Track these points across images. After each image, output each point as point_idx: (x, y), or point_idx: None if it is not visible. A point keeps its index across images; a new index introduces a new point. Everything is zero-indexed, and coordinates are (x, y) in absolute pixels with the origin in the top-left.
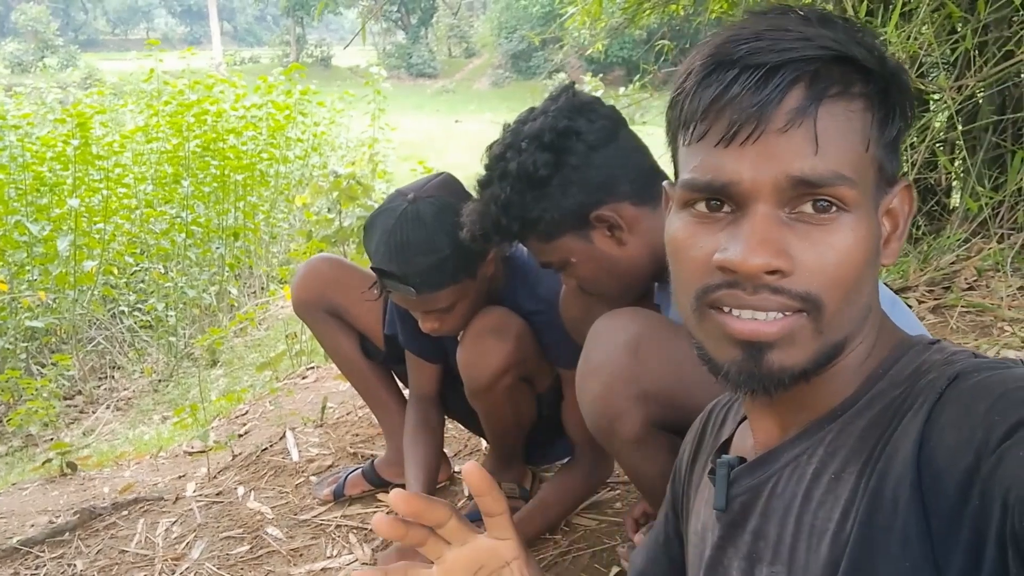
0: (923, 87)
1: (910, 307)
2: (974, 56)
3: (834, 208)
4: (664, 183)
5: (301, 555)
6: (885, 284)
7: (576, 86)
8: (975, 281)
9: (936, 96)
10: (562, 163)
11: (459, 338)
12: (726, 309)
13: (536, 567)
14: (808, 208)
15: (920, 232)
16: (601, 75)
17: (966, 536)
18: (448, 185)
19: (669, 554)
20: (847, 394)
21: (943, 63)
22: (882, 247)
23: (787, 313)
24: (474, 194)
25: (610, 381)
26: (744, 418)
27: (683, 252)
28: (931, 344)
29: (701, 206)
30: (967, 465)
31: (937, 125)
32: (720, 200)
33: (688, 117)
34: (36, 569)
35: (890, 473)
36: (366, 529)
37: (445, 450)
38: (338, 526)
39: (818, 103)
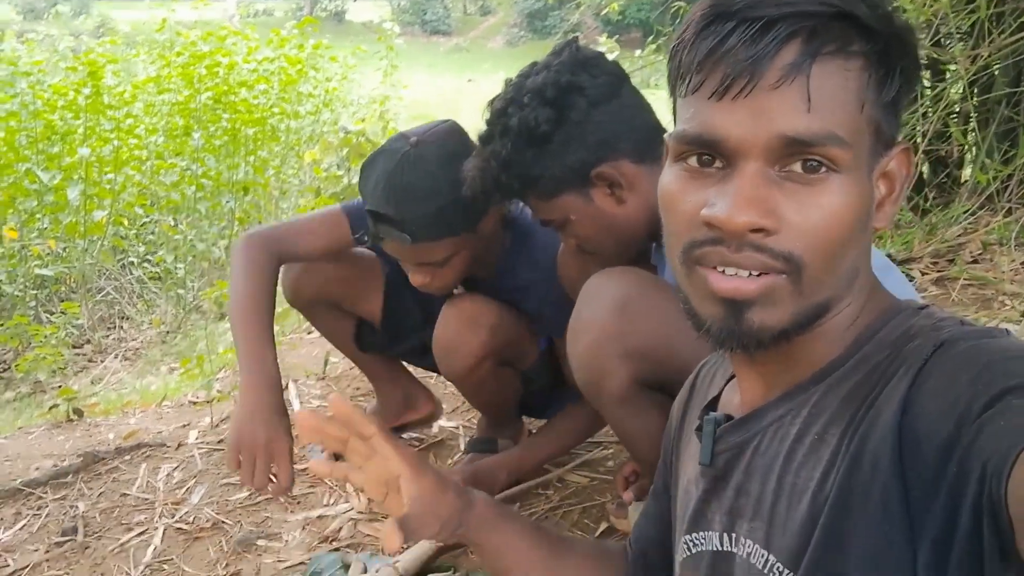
0: (938, 56)
1: (912, 278)
2: (990, 26)
3: (824, 168)
4: (665, 135)
5: (298, 502)
6: (887, 254)
7: (588, 45)
8: (980, 254)
9: (951, 66)
10: (564, 119)
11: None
12: (711, 265)
13: (438, 483)
14: (798, 167)
15: (928, 204)
16: (617, 36)
17: (942, 503)
18: (454, 133)
19: (659, 508)
20: (833, 356)
21: (959, 33)
22: (875, 210)
23: (768, 272)
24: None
25: (598, 338)
26: (732, 376)
27: (673, 205)
28: (919, 309)
29: (693, 160)
30: (947, 433)
31: (951, 96)
32: (711, 155)
33: (684, 69)
34: (39, 510)
35: (872, 436)
36: None
37: (445, 405)
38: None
39: (812, 60)
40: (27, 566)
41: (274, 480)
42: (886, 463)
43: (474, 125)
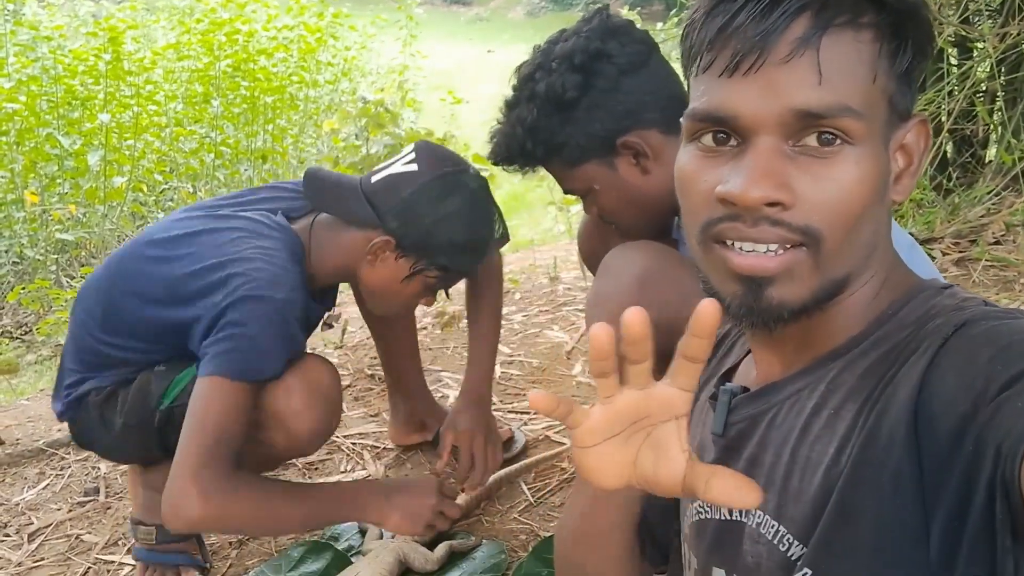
0: (966, 33)
1: (934, 258)
2: (1020, 3)
3: (839, 141)
4: (682, 117)
5: (316, 469)
6: (910, 233)
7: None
8: (1002, 235)
9: (979, 44)
10: (591, 86)
11: None
12: (729, 243)
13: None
14: (812, 141)
15: (951, 183)
16: (639, 8)
17: (956, 480)
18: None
19: None
20: (852, 332)
21: (988, 9)
22: (893, 183)
23: (787, 247)
24: (500, 115)
25: (617, 310)
26: (749, 350)
27: (689, 185)
28: (943, 288)
29: (707, 139)
30: (964, 411)
31: (978, 74)
32: (726, 133)
33: (696, 48)
34: (61, 470)
35: (889, 413)
36: (379, 447)
37: None
38: (353, 443)
39: (823, 32)
40: (50, 524)
41: None
42: (902, 439)
43: (493, 96)
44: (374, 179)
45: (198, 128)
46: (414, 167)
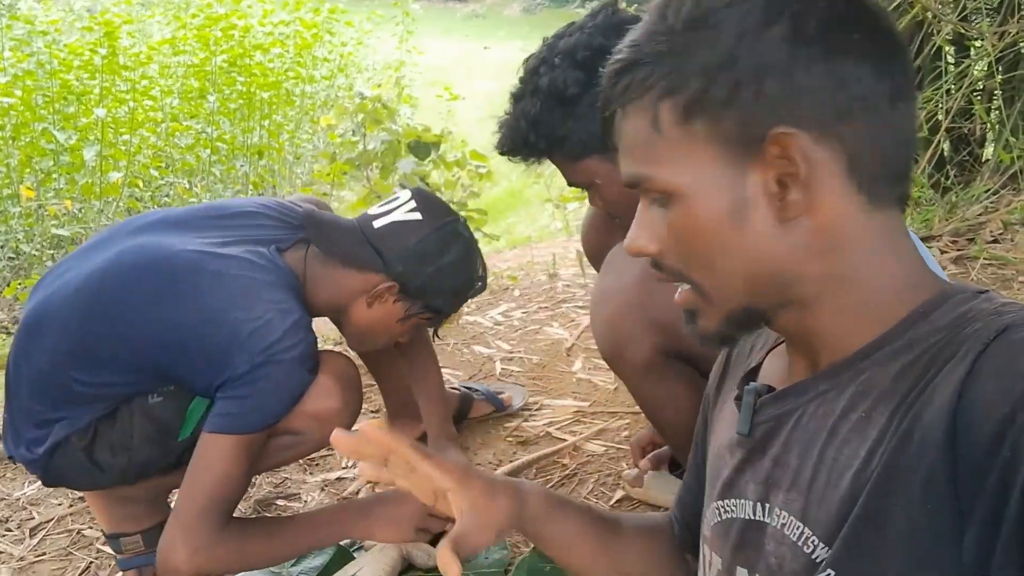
0: (964, 32)
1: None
2: (1019, 2)
3: (667, 198)
4: None
5: (317, 464)
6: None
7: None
8: (1000, 234)
9: (977, 43)
10: (593, 82)
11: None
12: None
13: (487, 491)
14: (660, 199)
15: (949, 182)
16: (636, 5)
17: (992, 486)
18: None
19: (700, 480)
20: (876, 334)
21: (986, 8)
22: (778, 203)
23: (686, 286)
24: (508, 107)
25: (621, 307)
26: (774, 347)
27: None
28: (979, 293)
29: None
30: (1002, 416)
31: (976, 73)
32: None
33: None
34: None
35: (924, 418)
36: None
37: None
38: None
39: (614, 114)
40: (51, 519)
41: None
42: (937, 445)
43: (489, 92)
44: (376, 224)
45: (194, 124)
46: (418, 216)
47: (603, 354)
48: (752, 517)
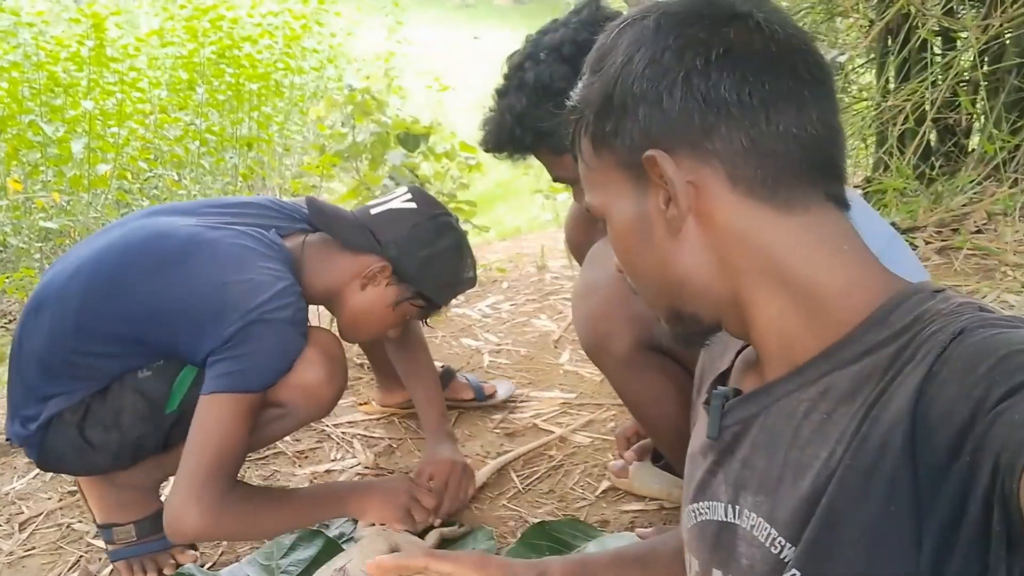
0: (949, 25)
1: (916, 247)
2: None
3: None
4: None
5: (306, 457)
6: (891, 223)
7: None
8: (984, 224)
9: (962, 35)
10: (579, 77)
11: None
12: None
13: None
14: None
15: (935, 172)
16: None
17: (952, 490)
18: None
19: None
20: (830, 336)
21: (971, 1)
22: (665, 219)
23: None
24: (492, 103)
25: (602, 302)
26: (739, 351)
27: None
28: (935, 292)
29: None
30: (962, 421)
31: (961, 64)
32: None
33: None
34: None
35: (883, 419)
36: (370, 436)
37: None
38: (343, 432)
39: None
40: (41, 513)
41: None
42: (897, 447)
43: (477, 82)
44: (373, 211)
45: (183, 115)
46: (413, 205)
47: (585, 347)
48: (724, 519)
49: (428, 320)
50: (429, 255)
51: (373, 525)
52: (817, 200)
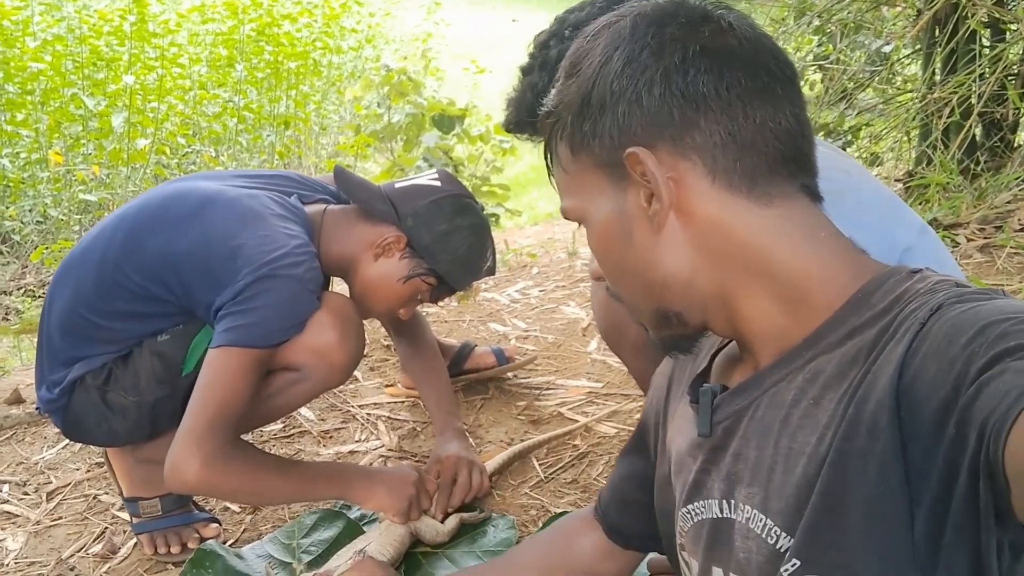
0: (1000, 16)
1: (957, 244)
2: None
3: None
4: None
5: (331, 437)
6: (933, 219)
7: None
8: None
9: (1012, 26)
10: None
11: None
12: None
13: None
14: None
15: (979, 168)
16: None
17: (940, 464)
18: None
19: (634, 468)
20: (812, 323)
21: None
22: (648, 216)
23: None
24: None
25: None
26: (719, 350)
27: None
28: (913, 272)
29: None
30: (945, 395)
31: (1010, 57)
32: None
33: None
34: None
35: (869, 400)
36: (394, 418)
37: None
38: (368, 413)
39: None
40: (68, 484)
41: None
42: (884, 426)
43: (514, 64)
44: (397, 185)
45: (221, 92)
46: (437, 183)
47: (602, 334)
48: (720, 515)
49: (457, 302)
50: (445, 231)
51: None
52: (792, 191)
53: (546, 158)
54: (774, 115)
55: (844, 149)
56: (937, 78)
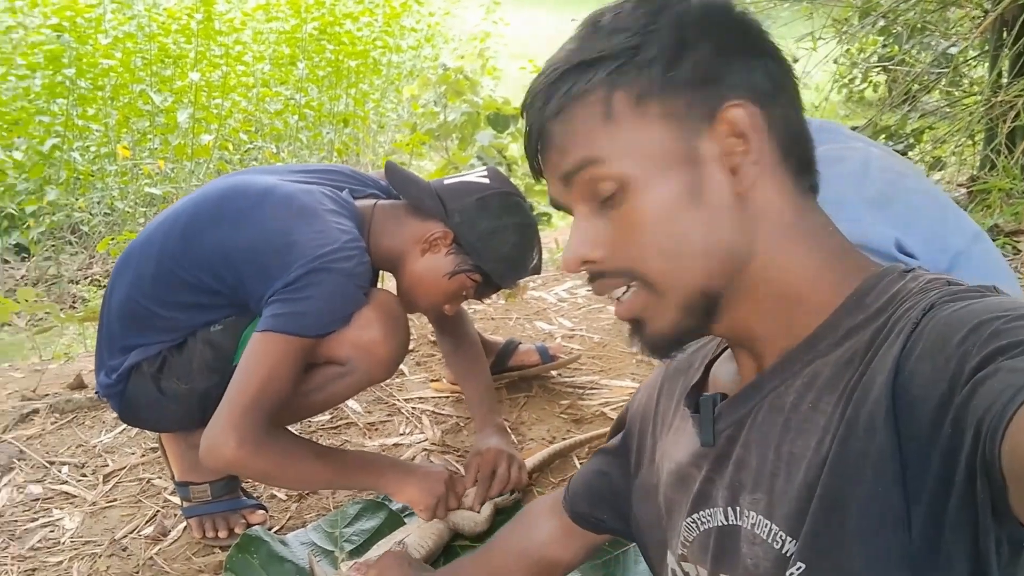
0: None
1: (1018, 252)
2: None
3: (618, 190)
4: None
5: (376, 429)
6: (993, 224)
7: None
8: None
9: None
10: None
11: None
12: None
13: None
14: (605, 199)
15: None
16: None
17: (937, 463)
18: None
19: (610, 466)
20: (809, 325)
21: None
22: (732, 176)
23: (630, 287)
24: None
25: None
26: (713, 359)
27: None
28: (905, 272)
29: None
30: (940, 394)
31: None
32: None
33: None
34: None
35: (866, 402)
36: (439, 413)
37: None
38: (413, 408)
39: (553, 117)
40: (124, 467)
41: None
42: (881, 427)
43: None
44: (447, 182)
45: (283, 90)
46: (487, 180)
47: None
48: (725, 523)
49: (504, 300)
50: (492, 228)
51: None
52: (806, 188)
53: (533, 128)
54: (801, 114)
55: (905, 153)
56: (1003, 81)
